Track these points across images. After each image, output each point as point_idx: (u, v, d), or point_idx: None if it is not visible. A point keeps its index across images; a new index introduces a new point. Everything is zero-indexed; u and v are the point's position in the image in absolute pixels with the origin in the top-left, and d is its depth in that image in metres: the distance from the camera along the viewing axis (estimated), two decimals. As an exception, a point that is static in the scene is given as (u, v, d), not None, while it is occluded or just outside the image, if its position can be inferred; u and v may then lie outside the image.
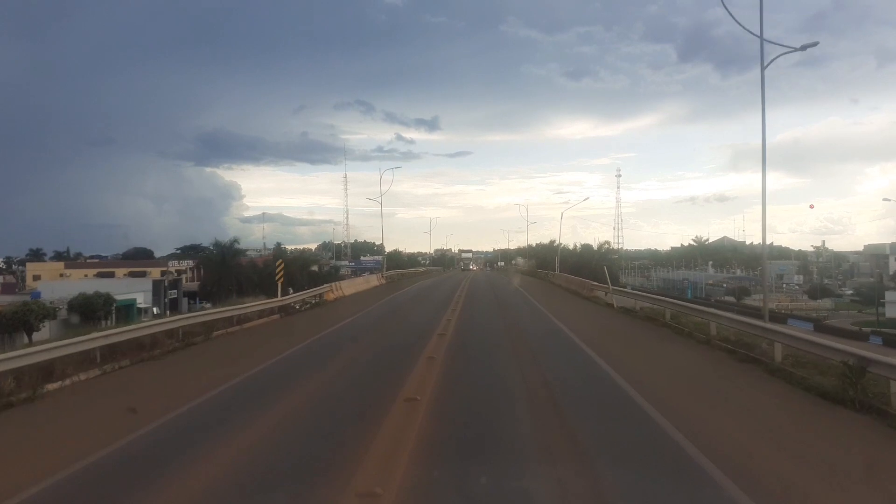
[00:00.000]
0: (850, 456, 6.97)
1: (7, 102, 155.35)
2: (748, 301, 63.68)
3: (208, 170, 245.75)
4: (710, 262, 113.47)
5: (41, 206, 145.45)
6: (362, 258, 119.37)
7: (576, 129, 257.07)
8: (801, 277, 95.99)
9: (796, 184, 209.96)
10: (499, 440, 7.30)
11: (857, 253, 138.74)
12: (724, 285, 78.32)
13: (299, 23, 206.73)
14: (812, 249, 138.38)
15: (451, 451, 7.04)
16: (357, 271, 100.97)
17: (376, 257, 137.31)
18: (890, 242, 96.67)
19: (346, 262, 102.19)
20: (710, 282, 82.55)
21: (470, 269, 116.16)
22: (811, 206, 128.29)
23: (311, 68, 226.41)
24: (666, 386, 10.55)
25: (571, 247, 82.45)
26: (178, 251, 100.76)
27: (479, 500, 5.65)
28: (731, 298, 65.98)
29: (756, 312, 54.59)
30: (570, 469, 6.31)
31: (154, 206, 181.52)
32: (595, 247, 68.37)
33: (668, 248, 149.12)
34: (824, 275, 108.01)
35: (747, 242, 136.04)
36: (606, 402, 9.54)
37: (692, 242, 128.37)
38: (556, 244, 70.32)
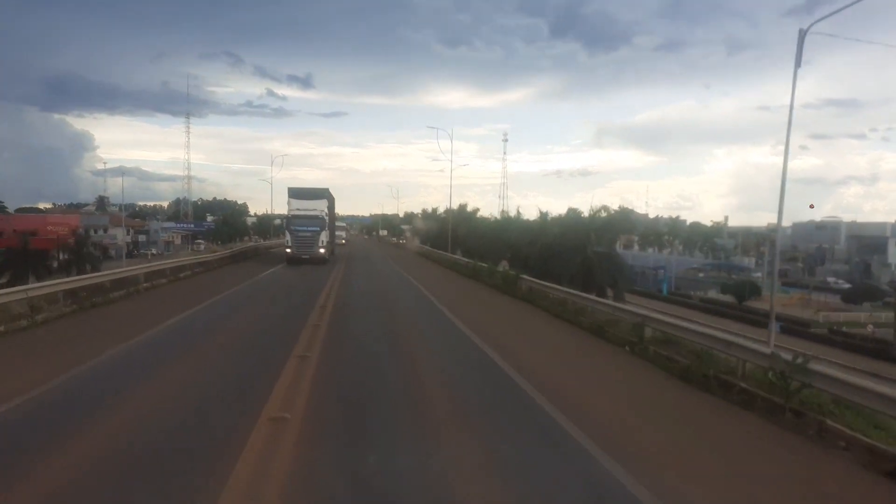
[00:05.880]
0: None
1: None
2: (755, 303, 43.82)
3: (56, 116, 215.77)
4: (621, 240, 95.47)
5: None
6: (209, 218, 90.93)
7: (452, 97, 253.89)
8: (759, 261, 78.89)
9: (653, 161, 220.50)
10: None
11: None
12: (701, 275, 58.13)
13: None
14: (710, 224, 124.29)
15: None
16: (190, 238, 73.56)
17: (250, 221, 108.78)
18: (892, 222, 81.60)
19: (174, 224, 73.54)
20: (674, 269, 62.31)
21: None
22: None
23: (172, 13, 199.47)
24: None
25: (484, 214, 58.00)
26: None
27: None
28: (727, 298, 45.95)
29: (803, 329, 34.02)
30: None
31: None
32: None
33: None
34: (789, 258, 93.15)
35: (651, 216, 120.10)
36: None
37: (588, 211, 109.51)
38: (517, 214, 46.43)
